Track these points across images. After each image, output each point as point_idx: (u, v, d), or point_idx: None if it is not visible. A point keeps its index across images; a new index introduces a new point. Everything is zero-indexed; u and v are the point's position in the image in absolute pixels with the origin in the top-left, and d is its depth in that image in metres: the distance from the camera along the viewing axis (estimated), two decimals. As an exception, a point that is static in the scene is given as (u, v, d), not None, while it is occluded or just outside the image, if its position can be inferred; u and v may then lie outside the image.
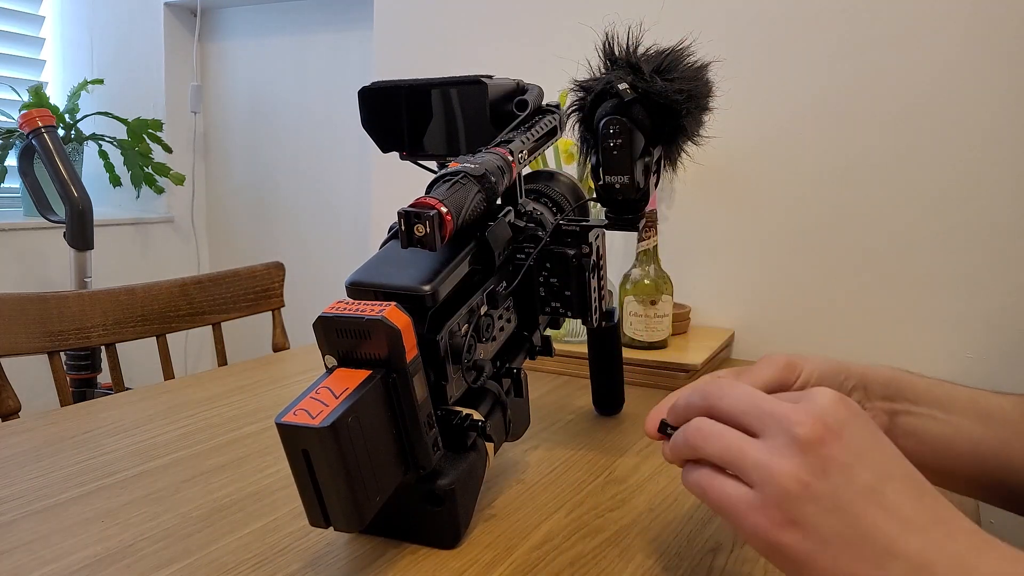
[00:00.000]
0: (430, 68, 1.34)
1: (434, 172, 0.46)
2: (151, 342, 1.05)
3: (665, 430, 0.39)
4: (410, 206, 0.40)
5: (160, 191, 1.97)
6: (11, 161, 1.72)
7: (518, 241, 0.52)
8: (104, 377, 1.66)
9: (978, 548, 0.31)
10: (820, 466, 0.31)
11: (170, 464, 0.60)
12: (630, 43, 0.57)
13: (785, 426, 0.32)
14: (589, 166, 0.60)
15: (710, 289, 1.09)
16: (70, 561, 0.45)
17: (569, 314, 0.57)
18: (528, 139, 0.50)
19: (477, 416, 0.46)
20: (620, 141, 0.56)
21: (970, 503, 0.57)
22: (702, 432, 0.35)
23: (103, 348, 1.16)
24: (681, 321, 1.00)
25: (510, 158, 0.47)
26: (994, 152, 0.93)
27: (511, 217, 0.50)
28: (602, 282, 0.58)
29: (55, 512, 0.51)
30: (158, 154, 1.90)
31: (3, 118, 1.84)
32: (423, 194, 0.42)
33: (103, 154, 1.84)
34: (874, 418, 0.45)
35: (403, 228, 0.40)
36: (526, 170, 0.58)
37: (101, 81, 1.93)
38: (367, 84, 0.53)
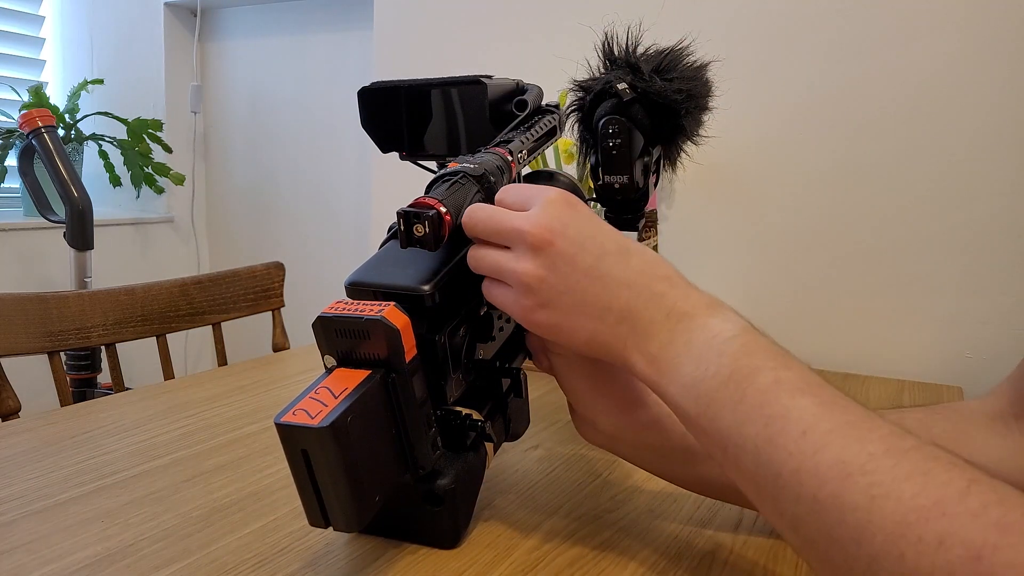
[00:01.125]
0: (430, 68, 1.34)
1: (434, 172, 0.46)
2: (151, 342, 1.05)
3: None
4: (409, 206, 0.40)
5: (160, 191, 1.97)
6: (11, 161, 1.72)
7: None
8: (104, 377, 1.66)
9: (664, 288, 0.41)
10: (549, 263, 0.41)
11: (170, 464, 0.60)
12: (629, 43, 0.57)
13: (520, 237, 0.41)
14: (588, 166, 0.60)
15: (709, 289, 1.08)
16: (70, 561, 0.45)
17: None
18: (527, 139, 0.50)
19: (477, 416, 0.46)
20: (619, 141, 0.56)
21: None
22: (475, 256, 0.44)
23: (103, 348, 1.16)
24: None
25: (509, 158, 0.47)
26: (994, 152, 0.93)
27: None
28: (602, 282, 0.58)
29: (55, 512, 0.51)
30: (158, 154, 1.90)
31: (3, 118, 1.84)
32: (422, 194, 0.42)
33: (103, 154, 1.84)
34: None
35: (402, 228, 0.40)
36: (526, 170, 0.58)
37: (101, 81, 1.94)
38: (367, 84, 0.53)
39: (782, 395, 0.35)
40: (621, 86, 0.55)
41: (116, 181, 1.86)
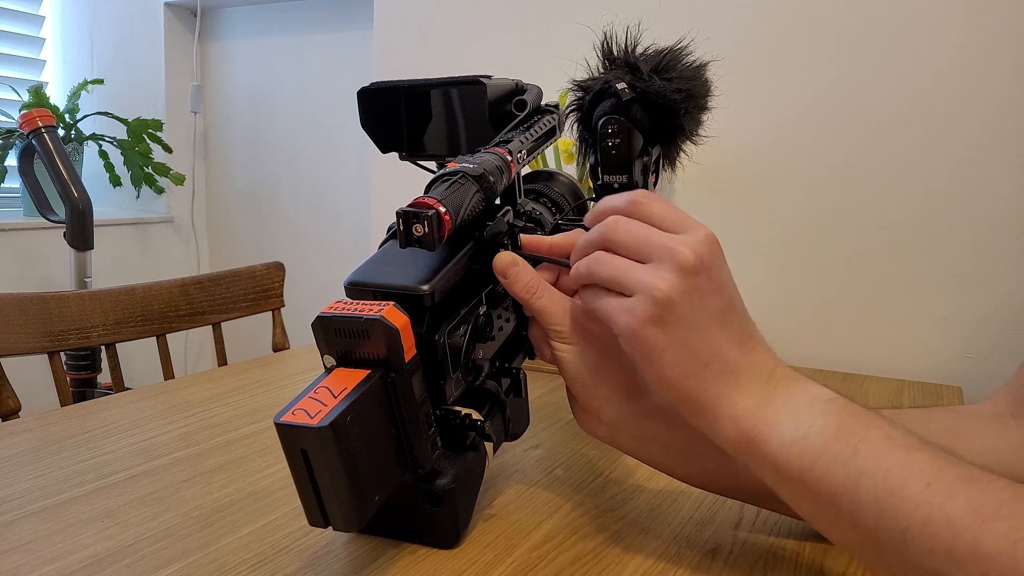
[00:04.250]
0: (430, 68, 1.34)
1: (433, 172, 0.46)
2: (151, 342, 1.05)
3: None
4: (408, 206, 0.40)
5: (160, 191, 1.97)
6: (11, 161, 1.72)
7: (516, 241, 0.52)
8: (104, 377, 1.66)
9: (765, 358, 0.41)
10: (689, 289, 0.40)
11: (170, 464, 0.60)
12: (628, 43, 0.57)
13: (670, 255, 0.40)
14: (588, 166, 0.60)
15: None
16: (70, 561, 0.45)
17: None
18: (527, 139, 0.50)
19: (476, 416, 0.46)
20: (619, 140, 0.56)
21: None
22: (599, 260, 0.42)
23: (103, 348, 1.16)
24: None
25: (509, 158, 0.47)
26: (994, 152, 0.93)
27: (510, 217, 0.50)
28: (601, 282, 0.58)
29: (55, 512, 0.51)
30: (158, 154, 1.90)
31: (3, 118, 1.84)
32: (422, 194, 0.42)
33: (103, 154, 1.84)
34: None
35: (402, 228, 0.40)
36: (525, 170, 0.58)
37: (101, 81, 1.94)
38: (367, 84, 0.53)
39: (896, 449, 0.35)
40: (620, 86, 0.55)
41: (116, 181, 1.87)
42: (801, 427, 0.37)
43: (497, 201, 0.49)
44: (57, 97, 2.02)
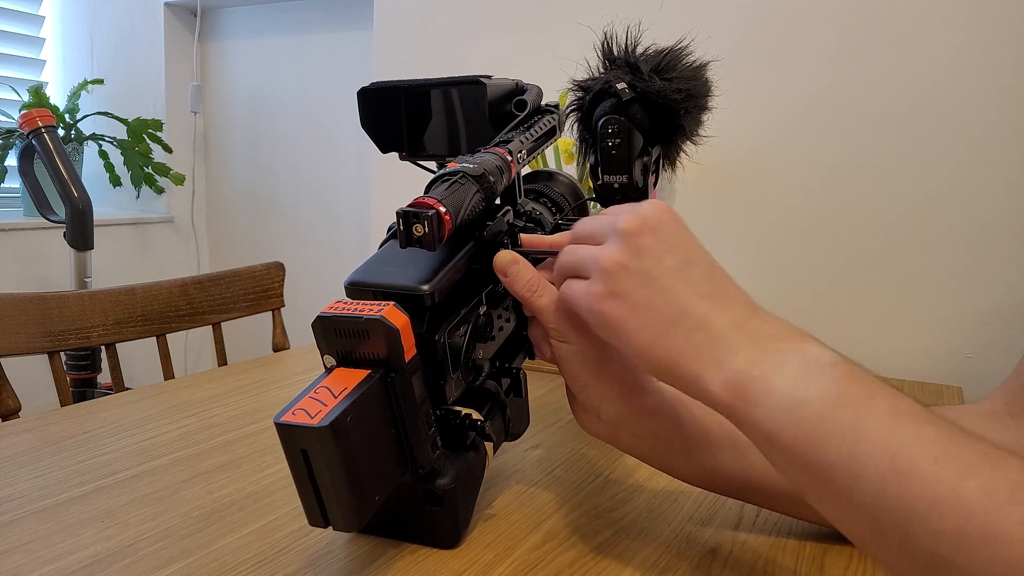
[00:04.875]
0: (430, 68, 1.34)
1: (433, 172, 0.46)
2: (151, 342, 1.05)
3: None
4: (408, 206, 0.40)
5: (160, 191, 1.97)
6: (11, 161, 1.72)
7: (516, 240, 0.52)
8: (104, 377, 1.66)
9: (749, 312, 0.39)
10: (635, 252, 0.39)
11: (170, 464, 0.60)
12: (629, 43, 0.57)
13: (613, 225, 0.40)
14: (588, 166, 0.60)
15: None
16: (70, 561, 0.45)
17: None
18: (527, 139, 0.50)
19: (476, 416, 0.46)
20: (619, 140, 0.56)
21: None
22: (565, 252, 0.43)
23: (103, 348, 1.16)
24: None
25: (509, 158, 0.47)
26: (993, 151, 0.93)
27: (510, 217, 0.50)
28: (601, 282, 0.58)
29: (55, 512, 0.52)
30: (158, 154, 1.90)
31: (3, 118, 1.84)
32: (422, 194, 0.42)
33: (103, 154, 1.84)
34: None
35: (402, 228, 0.40)
36: (525, 170, 0.58)
37: (101, 81, 1.94)
38: (367, 84, 0.53)
39: (904, 422, 0.32)
40: (620, 86, 0.55)
41: (116, 181, 1.87)
42: (797, 391, 0.34)
43: (497, 201, 0.49)
44: (57, 97, 2.02)
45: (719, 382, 0.37)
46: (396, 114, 0.54)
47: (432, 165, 0.54)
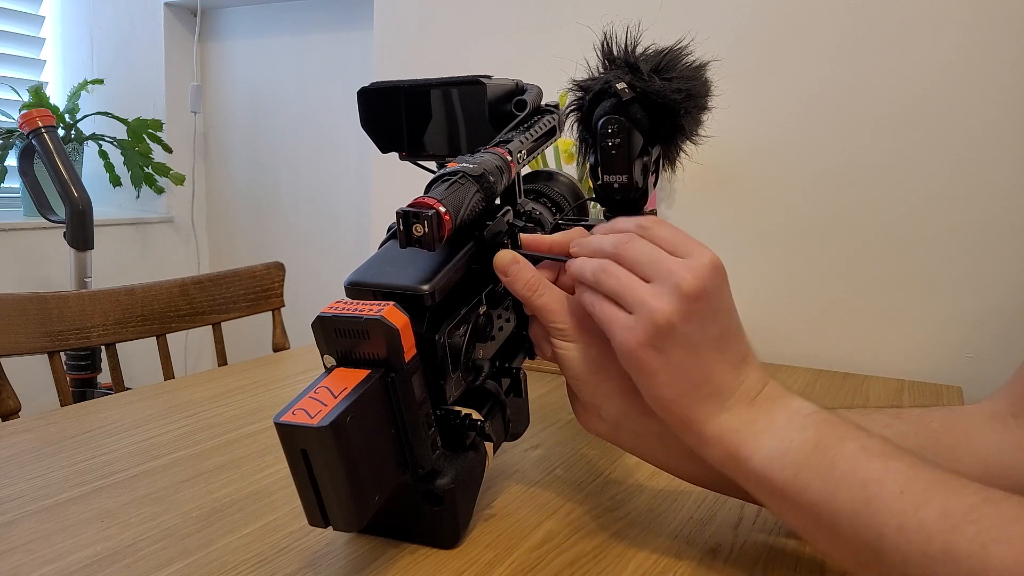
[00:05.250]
0: (430, 68, 1.34)
1: (433, 172, 0.46)
2: (151, 342, 1.05)
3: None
4: (408, 206, 0.40)
5: (160, 191, 1.97)
6: (11, 161, 1.72)
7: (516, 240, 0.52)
8: (104, 377, 1.66)
9: (759, 377, 0.43)
10: (686, 315, 0.41)
11: (170, 464, 0.60)
12: (628, 43, 0.57)
13: (673, 278, 0.41)
14: (588, 166, 0.60)
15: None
16: (70, 561, 0.45)
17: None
18: (527, 139, 0.50)
19: (476, 416, 0.46)
20: (618, 140, 0.56)
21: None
22: (607, 271, 0.43)
23: (103, 348, 1.16)
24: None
25: (509, 158, 0.47)
26: (993, 151, 0.93)
27: (510, 216, 0.50)
28: (601, 282, 0.58)
29: (55, 512, 0.52)
30: (158, 154, 1.90)
31: (3, 118, 1.84)
32: (422, 194, 0.42)
33: (103, 154, 1.84)
34: None
35: (401, 228, 0.40)
36: (525, 170, 0.58)
37: (101, 81, 1.94)
38: (367, 84, 0.53)
39: (872, 459, 0.36)
40: (620, 86, 0.55)
41: (116, 181, 1.87)
42: (783, 443, 0.39)
43: (497, 201, 0.49)
44: (57, 97, 2.02)
45: (716, 438, 0.42)
46: (396, 114, 0.54)
47: (432, 165, 0.54)
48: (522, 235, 0.50)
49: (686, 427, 0.42)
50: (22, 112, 1.59)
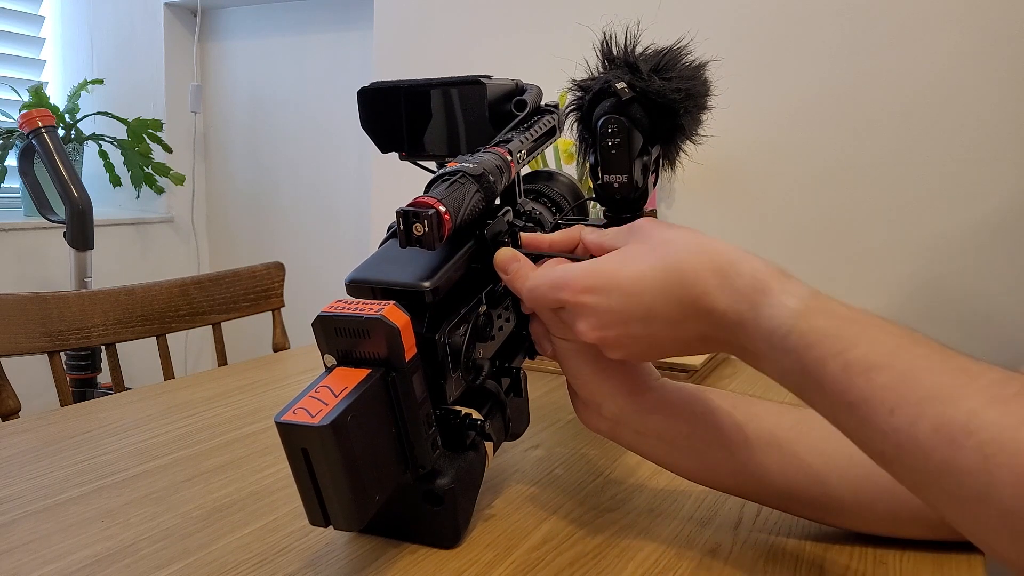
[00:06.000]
0: (430, 68, 1.34)
1: (433, 172, 0.46)
2: (151, 342, 1.05)
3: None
4: (408, 205, 0.40)
5: (160, 191, 1.97)
6: (11, 161, 1.72)
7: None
8: (104, 377, 1.66)
9: (712, 308, 0.40)
10: (602, 325, 0.42)
11: (170, 464, 0.60)
12: (628, 42, 0.57)
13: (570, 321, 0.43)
14: (588, 166, 0.60)
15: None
16: (70, 561, 0.45)
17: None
18: (527, 139, 0.50)
19: (476, 416, 0.46)
20: (618, 140, 0.56)
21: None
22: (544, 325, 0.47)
23: (103, 348, 1.16)
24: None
25: (508, 158, 0.47)
26: (993, 151, 0.93)
27: (510, 216, 0.50)
28: (601, 281, 0.58)
29: (55, 512, 0.52)
30: (158, 154, 1.90)
31: (3, 118, 1.84)
32: (422, 193, 0.42)
33: (103, 154, 1.84)
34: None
35: (402, 227, 0.40)
36: (525, 170, 0.58)
37: (101, 81, 1.94)
38: (367, 84, 0.53)
39: (855, 379, 0.34)
40: (620, 85, 0.55)
41: (116, 181, 1.86)
42: (775, 371, 0.39)
43: (497, 201, 0.49)
44: (57, 97, 2.02)
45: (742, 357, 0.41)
46: (396, 114, 0.54)
47: (432, 165, 0.54)
48: (522, 235, 0.50)
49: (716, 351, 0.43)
50: (22, 112, 1.59)
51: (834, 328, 0.36)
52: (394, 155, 0.56)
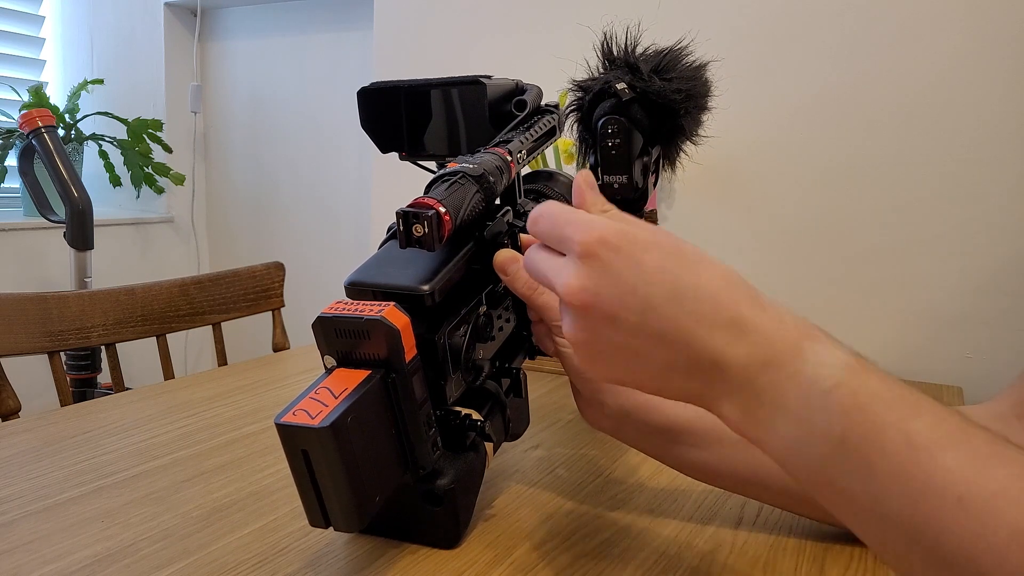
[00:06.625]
0: (430, 68, 1.34)
1: (433, 172, 0.46)
2: (151, 342, 1.05)
3: None
4: (408, 206, 0.40)
5: (160, 191, 1.97)
6: (11, 161, 1.72)
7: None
8: (104, 377, 1.66)
9: (735, 337, 0.33)
10: (590, 326, 0.35)
11: (170, 464, 0.60)
12: (628, 43, 0.57)
13: (558, 292, 0.35)
14: (588, 166, 0.60)
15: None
16: (70, 561, 0.45)
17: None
18: (527, 139, 0.50)
19: (476, 416, 0.46)
20: (618, 141, 0.56)
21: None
22: (529, 260, 0.39)
23: (103, 348, 1.16)
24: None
25: (508, 158, 0.47)
26: (994, 152, 0.93)
27: (510, 217, 0.51)
28: (601, 282, 0.58)
29: (55, 512, 0.52)
30: (158, 154, 1.90)
31: (3, 118, 1.84)
32: (422, 194, 0.42)
33: (103, 154, 1.84)
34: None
35: (401, 228, 0.40)
36: (525, 170, 0.58)
37: (101, 81, 1.94)
38: (367, 84, 0.53)
39: (921, 458, 0.29)
40: (620, 86, 0.55)
41: (116, 181, 1.86)
42: (800, 430, 0.32)
43: (497, 201, 0.49)
44: (57, 97, 2.02)
45: (730, 423, 0.35)
46: (396, 114, 0.54)
47: (432, 165, 0.54)
48: (522, 235, 0.50)
49: (696, 403, 0.36)
50: (22, 112, 1.59)
51: (891, 389, 0.31)
52: (394, 155, 0.56)
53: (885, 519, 0.30)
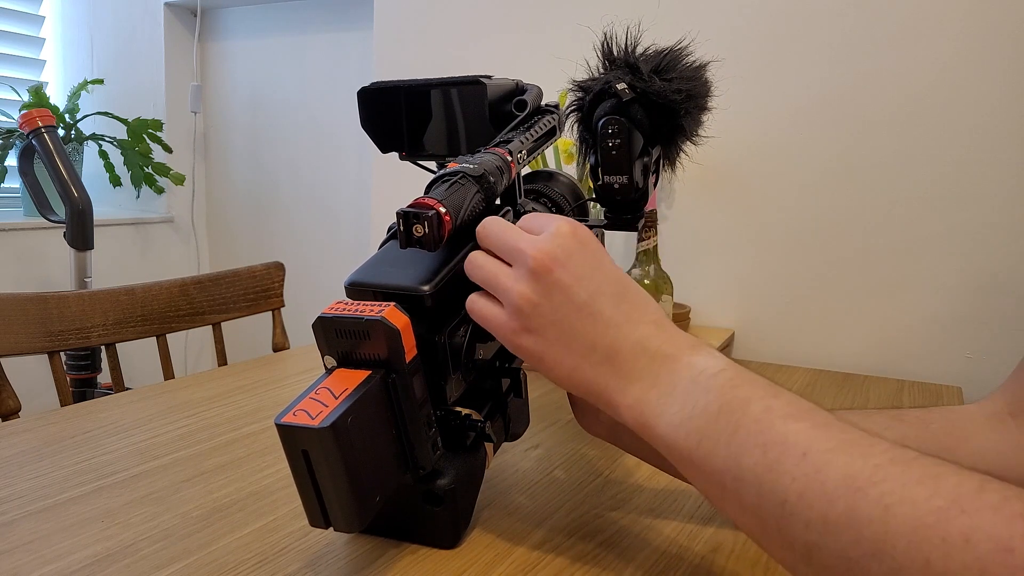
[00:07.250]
0: (430, 68, 1.34)
1: (433, 172, 0.46)
2: (151, 342, 1.05)
3: None
4: (409, 206, 0.40)
5: (160, 191, 1.97)
6: (11, 161, 1.72)
7: None
8: (104, 377, 1.66)
9: (651, 332, 0.41)
10: (545, 289, 0.41)
11: (170, 464, 0.60)
12: (628, 43, 0.57)
13: (522, 258, 0.41)
14: (588, 166, 0.60)
15: (710, 289, 1.09)
16: (70, 561, 0.45)
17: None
18: (527, 139, 0.50)
19: (476, 416, 0.46)
20: (619, 141, 0.56)
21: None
22: (474, 263, 0.44)
23: (103, 348, 1.16)
24: (681, 321, 1.00)
25: (509, 158, 0.47)
26: (994, 152, 0.93)
27: (510, 217, 0.50)
28: (601, 282, 0.58)
29: (55, 512, 0.52)
30: (158, 154, 1.90)
31: (3, 118, 1.84)
32: (422, 194, 0.42)
33: (103, 154, 1.84)
34: None
35: (402, 228, 0.40)
36: (525, 170, 0.58)
37: (101, 81, 1.94)
38: (367, 84, 0.53)
39: (776, 422, 0.35)
40: (620, 86, 0.55)
41: (116, 181, 1.86)
42: (686, 407, 0.37)
43: (497, 201, 0.49)
44: (57, 97, 2.02)
45: (625, 408, 0.40)
46: (396, 114, 0.54)
47: (432, 165, 0.54)
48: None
49: (597, 399, 0.41)
50: (22, 112, 1.59)
51: (761, 380, 0.38)
52: (394, 155, 0.56)
53: (741, 479, 0.35)
